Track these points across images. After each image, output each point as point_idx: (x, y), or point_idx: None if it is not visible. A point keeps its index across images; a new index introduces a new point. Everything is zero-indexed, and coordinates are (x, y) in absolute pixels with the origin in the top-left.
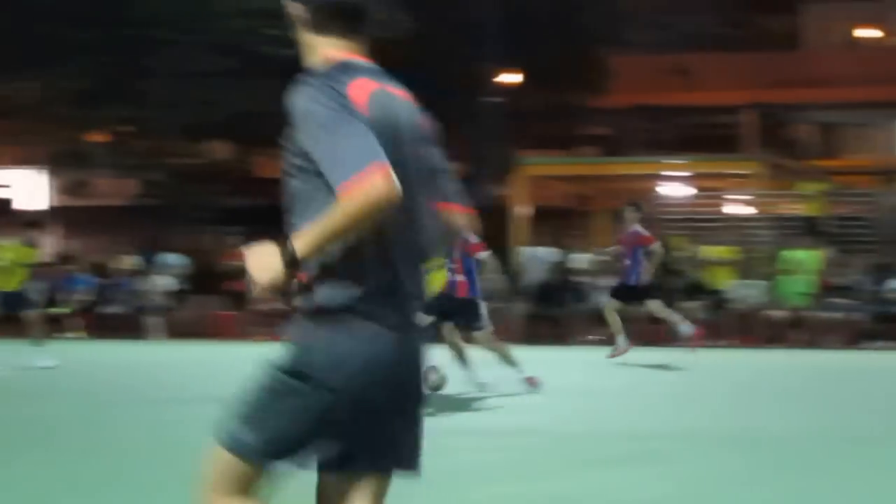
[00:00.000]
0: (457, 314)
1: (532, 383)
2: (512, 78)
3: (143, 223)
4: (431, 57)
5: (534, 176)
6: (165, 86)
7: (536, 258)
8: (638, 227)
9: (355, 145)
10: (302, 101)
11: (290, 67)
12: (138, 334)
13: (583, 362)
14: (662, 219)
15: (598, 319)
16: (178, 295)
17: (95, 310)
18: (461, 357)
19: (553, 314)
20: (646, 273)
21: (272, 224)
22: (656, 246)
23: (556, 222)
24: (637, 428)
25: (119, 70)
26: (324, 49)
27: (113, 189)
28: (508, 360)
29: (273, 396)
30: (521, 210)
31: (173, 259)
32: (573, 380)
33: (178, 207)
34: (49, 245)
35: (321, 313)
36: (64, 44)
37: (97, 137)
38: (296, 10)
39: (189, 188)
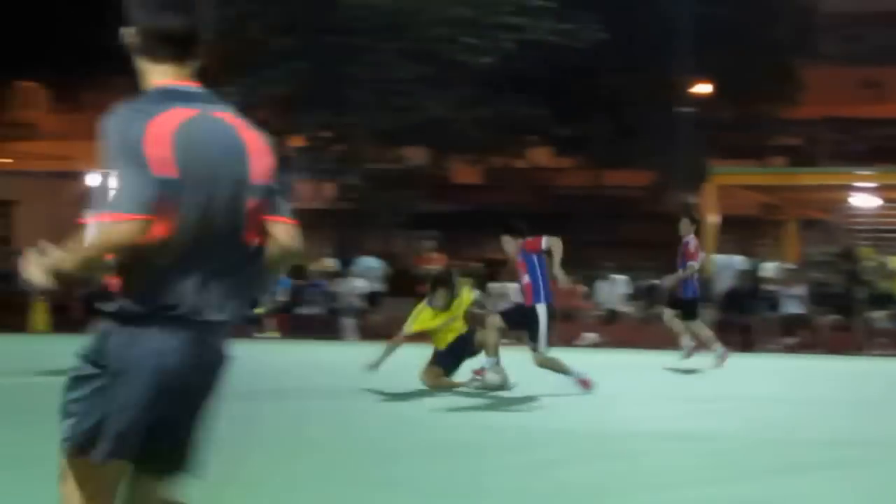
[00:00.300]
0: (523, 325)
1: (585, 385)
2: (704, 88)
3: (340, 226)
4: (626, 68)
5: (724, 185)
6: (364, 92)
7: (729, 266)
8: (691, 240)
9: (125, 187)
10: (109, 125)
11: (486, 75)
12: (333, 336)
13: (772, 370)
14: (850, 229)
15: (788, 327)
16: (374, 297)
17: (291, 311)
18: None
19: (742, 321)
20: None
21: (467, 229)
22: (695, 264)
23: (744, 231)
24: (829, 435)
25: (319, 77)
26: (152, 75)
27: (310, 193)
28: (563, 371)
29: (77, 384)
30: (711, 218)
31: (371, 262)
32: (762, 387)
33: (373, 211)
34: None
35: (119, 317)
36: (266, 50)
37: (296, 142)
38: (128, 35)
39: (385, 192)
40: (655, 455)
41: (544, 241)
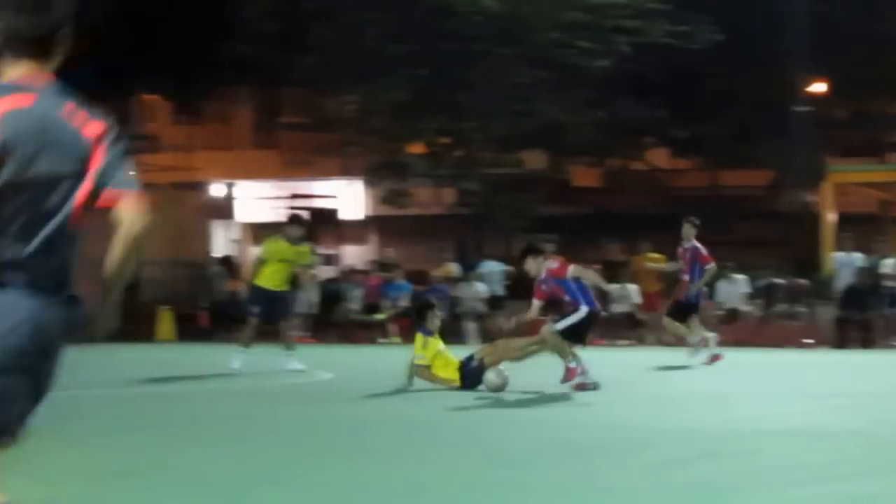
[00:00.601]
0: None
1: (570, 377)
2: (819, 87)
3: (460, 232)
4: (741, 68)
5: (841, 183)
6: (481, 97)
7: (848, 263)
8: (696, 243)
9: None
10: None
11: (603, 78)
12: (455, 340)
13: (892, 366)
14: None
15: None
16: (496, 301)
17: (412, 315)
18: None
19: (862, 318)
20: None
21: (586, 231)
22: (713, 266)
23: (863, 228)
24: None
25: (437, 82)
26: (9, 70)
27: (430, 198)
28: (565, 356)
29: None
30: (829, 216)
31: (493, 266)
32: (883, 383)
33: (493, 216)
34: (368, 253)
35: None
36: (384, 57)
37: (415, 148)
38: None
39: (504, 197)
40: (777, 453)
41: (571, 270)
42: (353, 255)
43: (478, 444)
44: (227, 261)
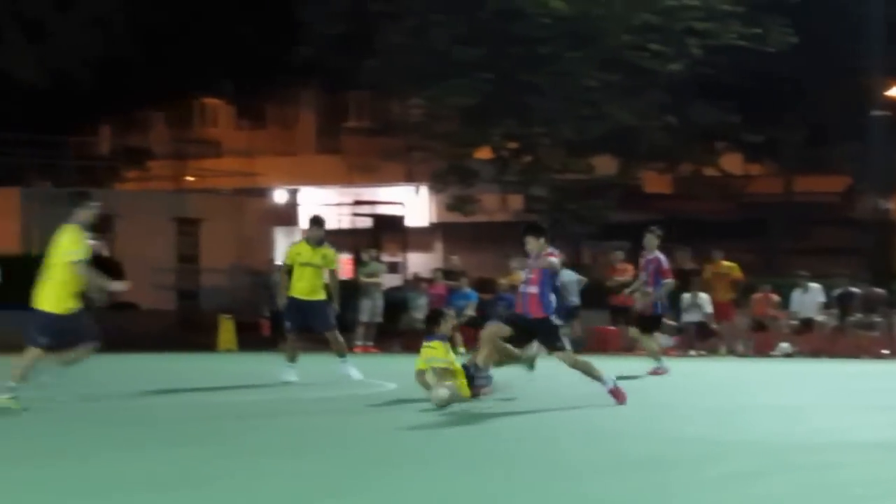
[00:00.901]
0: (533, 335)
1: (618, 396)
2: None
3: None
4: (817, 72)
5: None
6: (550, 101)
7: None
8: (659, 254)
9: None
10: None
11: (674, 82)
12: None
13: None
14: None
15: None
16: (568, 310)
17: (479, 325)
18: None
19: None
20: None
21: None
22: (671, 281)
23: None
24: None
25: (504, 86)
26: None
27: (497, 205)
28: (594, 376)
29: None
30: None
31: (568, 274)
32: None
33: (561, 222)
34: (433, 260)
35: None
36: (452, 61)
37: (482, 154)
38: None
39: (572, 203)
40: (852, 466)
41: (553, 261)
42: (419, 262)
43: (546, 455)
44: (290, 268)
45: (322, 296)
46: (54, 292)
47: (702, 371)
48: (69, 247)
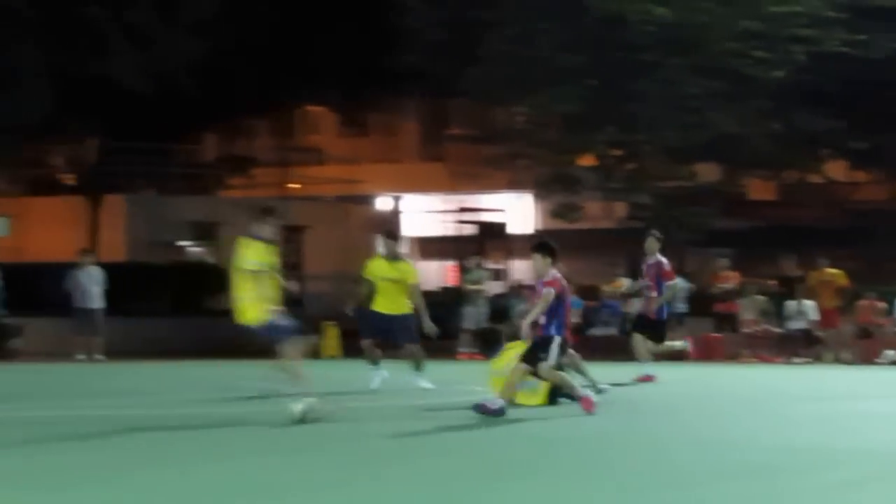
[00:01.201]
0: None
1: (588, 405)
2: None
3: (631, 246)
4: None
5: None
6: (653, 109)
7: None
8: (661, 258)
9: None
10: None
11: (778, 88)
12: (625, 357)
13: None
14: None
15: None
16: (670, 317)
17: (583, 332)
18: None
19: None
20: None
21: (762, 245)
22: (675, 283)
23: None
24: None
25: (608, 93)
26: None
27: (600, 212)
28: (568, 387)
29: None
30: None
31: (678, 282)
32: None
33: (665, 230)
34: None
35: None
36: (555, 69)
37: (585, 161)
38: None
39: (676, 210)
40: None
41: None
42: (522, 269)
43: (654, 463)
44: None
45: (405, 309)
46: (252, 304)
47: (807, 378)
48: (253, 257)
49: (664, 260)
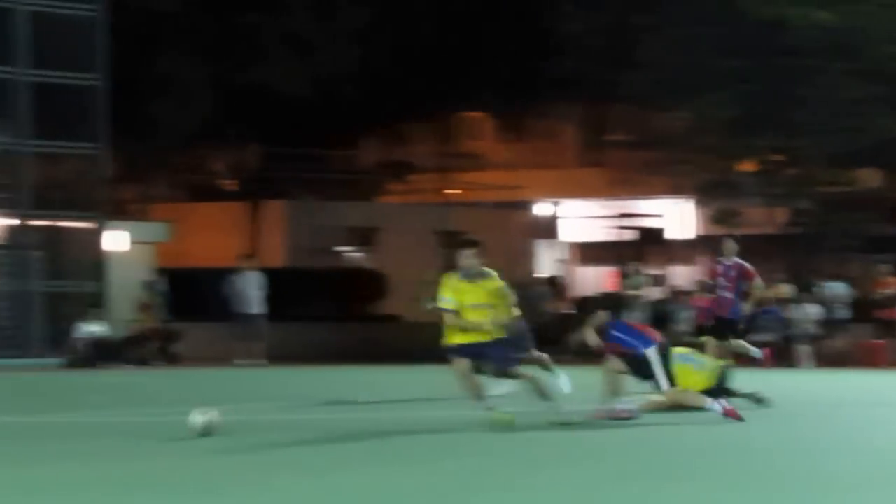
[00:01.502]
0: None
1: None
2: None
3: (793, 252)
4: None
5: None
6: (815, 114)
7: None
8: (740, 260)
9: None
10: None
11: None
12: (788, 362)
13: None
14: None
15: None
16: (832, 323)
17: (744, 338)
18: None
19: None
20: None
21: None
22: (759, 281)
23: None
24: None
25: (770, 99)
26: None
27: (762, 218)
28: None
29: None
30: None
31: (837, 287)
32: None
33: (826, 235)
34: (697, 273)
35: None
36: (715, 73)
37: (746, 166)
38: None
39: (838, 216)
40: None
41: None
42: (682, 275)
43: (807, 470)
44: (552, 281)
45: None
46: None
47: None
48: (443, 293)
49: (744, 262)
